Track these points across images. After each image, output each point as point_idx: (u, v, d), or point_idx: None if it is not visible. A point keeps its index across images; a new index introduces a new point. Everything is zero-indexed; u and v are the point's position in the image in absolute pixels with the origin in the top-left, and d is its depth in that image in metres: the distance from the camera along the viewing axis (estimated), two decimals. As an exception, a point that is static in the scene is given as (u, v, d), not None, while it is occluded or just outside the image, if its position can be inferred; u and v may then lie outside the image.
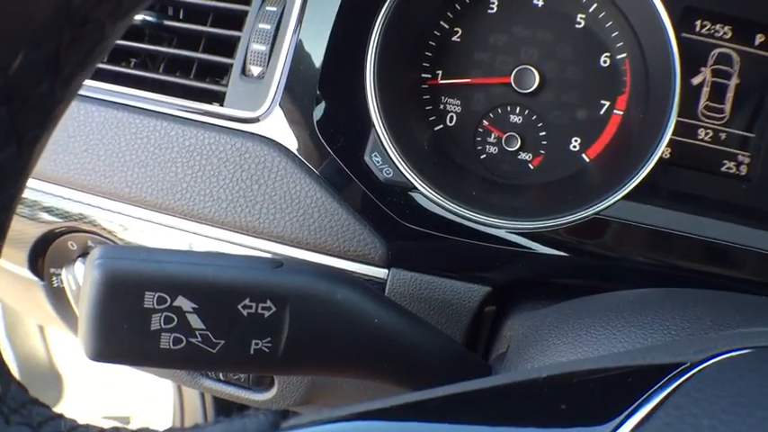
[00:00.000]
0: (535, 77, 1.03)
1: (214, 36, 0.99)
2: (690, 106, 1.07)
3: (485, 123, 1.05)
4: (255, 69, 0.94)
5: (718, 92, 1.08)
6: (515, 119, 1.05)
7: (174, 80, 1.00)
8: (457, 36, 1.05)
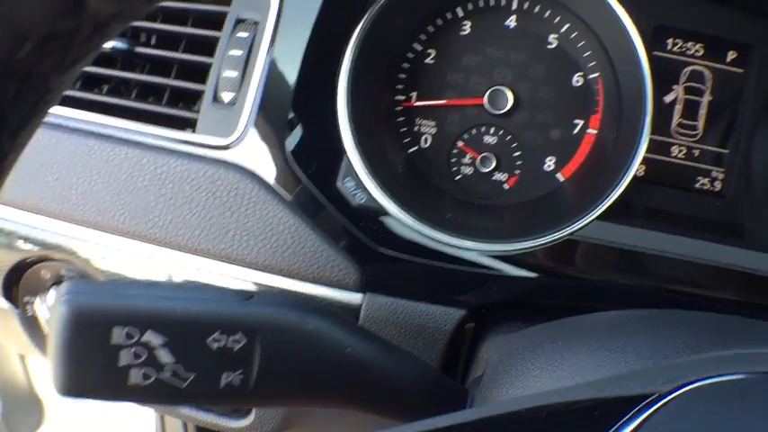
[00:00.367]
0: (509, 98, 1.03)
1: (186, 62, 0.99)
2: (663, 124, 1.08)
3: (459, 144, 1.05)
4: (227, 96, 0.94)
5: (690, 109, 1.08)
6: (490, 139, 1.05)
7: (146, 107, 0.99)
8: (430, 58, 1.06)
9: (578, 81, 1.05)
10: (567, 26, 1.04)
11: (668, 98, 1.08)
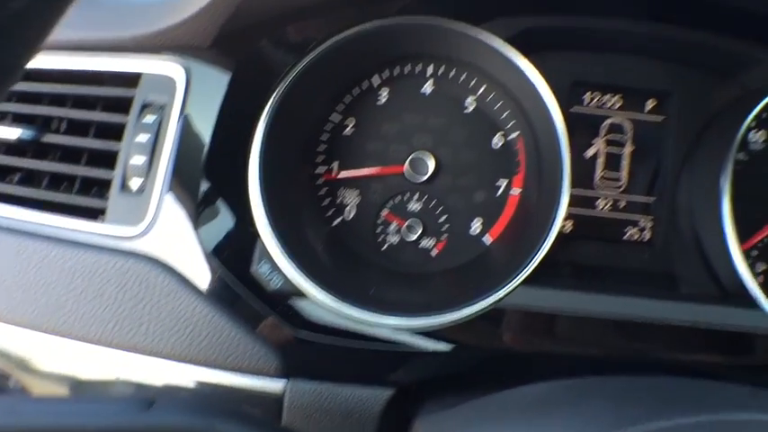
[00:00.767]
0: (429, 164, 1.02)
1: (95, 149, 0.96)
2: (587, 178, 1.08)
3: (384, 213, 1.04)
4: (135, 183, 0.91)
5: (613, 161, 1.09)
6: (414, 206, 1.04)
7: (55, 198, 0.96)
8: (350, 128, 1.04)
9: (499, 142, 1.04)
10: (484, 88, 1.04)
11: (590, 152, 1.08)
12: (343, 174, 1.03)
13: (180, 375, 0.88)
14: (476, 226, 1.03)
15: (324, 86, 1.00)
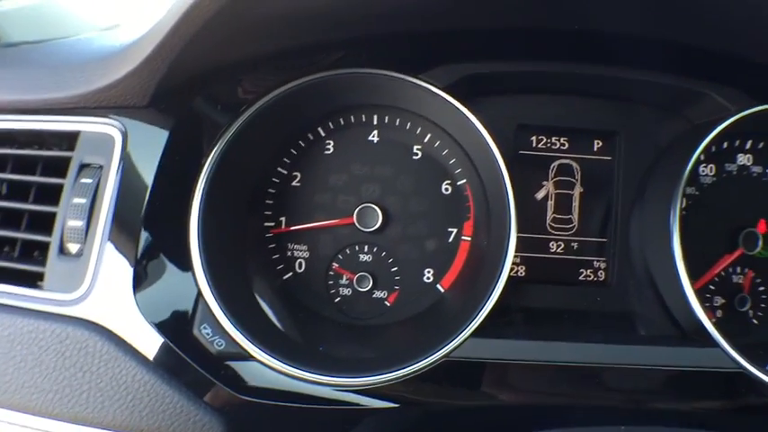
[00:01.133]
0: (378, 214, 1.01)
1: (33, 212, 0.93)
2: (539, 221, 1.07)
3: (335, 266, 1.02)
4: (73, 247, 0.88)
5: (563, 203, 1.08)
6: (365, 257, 1.02)
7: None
8: (296, 180, 1.03)
9: (447, 189, 1.04)
10: (429, 136, 1.04)
11: (540, 195, 1.08)
12: (291, 227, 1.01)
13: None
14: (428, 275, 1.02)
15: (267, 140, 1.00)
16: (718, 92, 1.01)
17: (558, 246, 1.06)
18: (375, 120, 1.03)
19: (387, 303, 1.01)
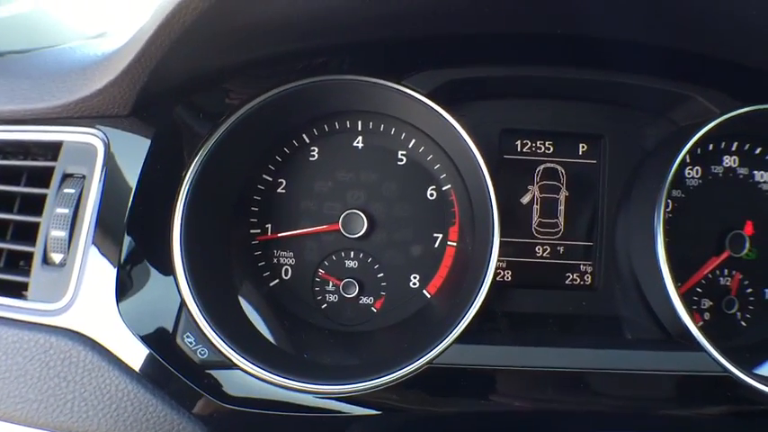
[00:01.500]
0: (363, 220, 1.01)
1: (18, 222, 0.93)
2: (524, 225, 1.07)
3: (321, 272, 1.02)
4: (57, 257, 0.88)
5: (549, 207, 1.08)
6: (351, 264, 1.02)
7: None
8: (282, 187, 1.03)
9: (432, 194, 1.04)
10: (414, 141, 1.04)
11: (525, 199, 1.08)
12: (277, 234, 1.02)
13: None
14: (414, 280, 1.02)
15: (250, 147, 1.00)
16: (703, 94, 1.01)
17: (545, 250, 1.06)
18: (359, 126, 1.03)
19: (373, 309, 1.01)
